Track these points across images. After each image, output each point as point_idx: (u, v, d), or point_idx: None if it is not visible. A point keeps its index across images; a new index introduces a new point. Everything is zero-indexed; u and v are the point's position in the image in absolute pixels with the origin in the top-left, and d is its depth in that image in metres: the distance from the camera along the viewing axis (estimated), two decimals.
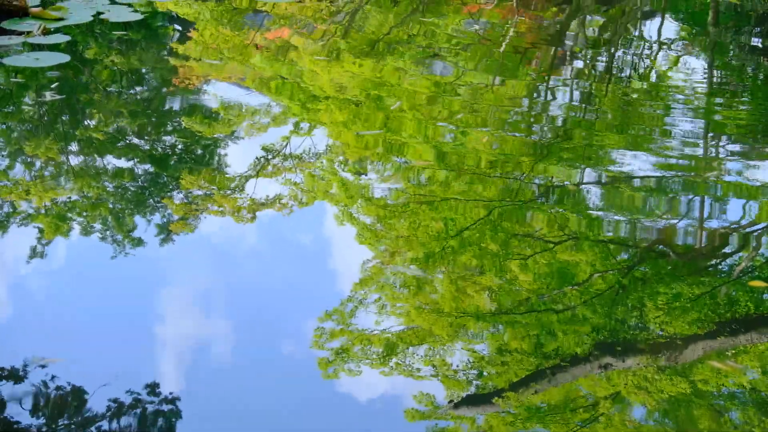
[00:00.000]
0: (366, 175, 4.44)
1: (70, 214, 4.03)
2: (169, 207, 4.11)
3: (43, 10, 6.32)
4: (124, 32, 6.32)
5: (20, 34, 5.95)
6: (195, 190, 4.27)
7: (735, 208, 4.15)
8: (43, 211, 4.02)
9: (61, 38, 5.96)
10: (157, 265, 3.69)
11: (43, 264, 3.63)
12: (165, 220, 4.00)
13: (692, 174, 4.47)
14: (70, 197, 4.17)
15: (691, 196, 4.27)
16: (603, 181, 4.40)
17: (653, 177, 4.41)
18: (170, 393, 2.87)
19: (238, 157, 4.68)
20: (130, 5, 6.65)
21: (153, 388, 2.89)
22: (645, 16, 7.19)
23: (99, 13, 6.45)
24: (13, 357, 2.97)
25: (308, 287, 3.53)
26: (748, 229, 4.00)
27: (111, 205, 4.12)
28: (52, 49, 5.77)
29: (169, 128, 5.02)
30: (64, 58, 5.69)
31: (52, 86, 5.35)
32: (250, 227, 3.99)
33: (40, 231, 3.86)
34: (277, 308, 3.36)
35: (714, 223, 4.03)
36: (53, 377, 2.88)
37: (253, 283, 3.55)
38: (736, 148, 4.83)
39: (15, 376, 2.91)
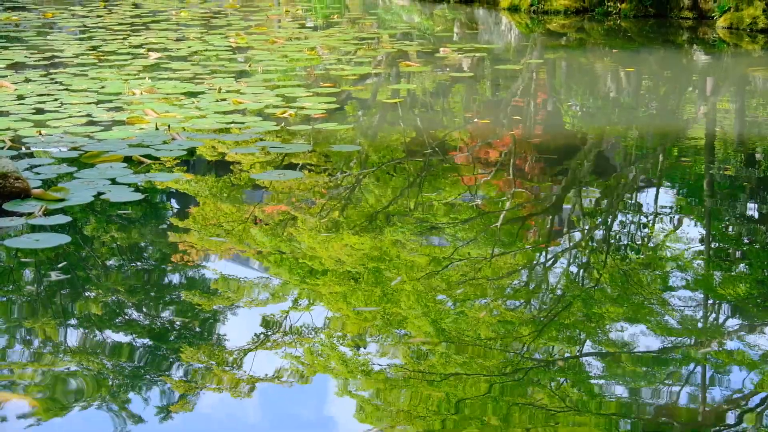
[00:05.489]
0: (365, 349, 4.43)
1: (67, 392, 4.00)
2: (167, 383, 4.09)
3: (45, 191, 6.40)
4: (125, 211, 6.38)
5: (21, 215, 6.01)
6: (194, 365, 4.25)
7: (736, 380, 4.11)
8: (40, 387, 4.00)
9: (62, 219, 6.01)
10: None
11: None
12: (163, 396, 3.97)
13: (692, 344, 4.44)
14: (69, 373, 4.15)
15: (692, 367, 4.23)
16: (603, 352, 4.37)
17: (653, 348, 4.39)
18: None
19: (237, 331, 4.67)
20: (130, 185, 6.74)
21: None
22: (641, 186, 7.27)
23: (100, 194, 6.53)
24: None
25: None
26: (750, 402, 3.95)
27: (110, 382, 4.09)
28: (53, 230, 5.83)
29: (169, 304, 5.03)
30: (65, 239, 5.74)
31: (58, 266, 5.39)
32: (249, 402, 3.96)
33: (37, 407, 3.82)
34: None
35: (716, 395, 3.99)
36: None
37: None
38: (736, 317, 4.82)
39: None
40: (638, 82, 11.61)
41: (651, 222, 6.29)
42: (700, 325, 4.68)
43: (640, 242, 5.91)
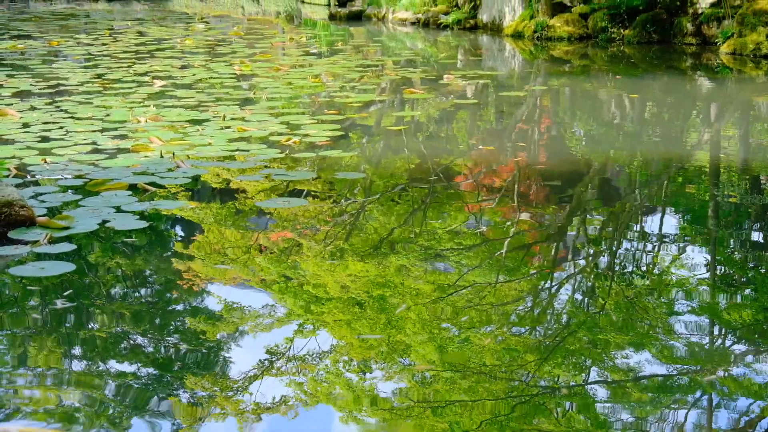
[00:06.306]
0: (370, 375, 4.42)
1: (72, 420, 4.00)
2: (172, 410, 4.09)
3: (50, 219, 6.41)
4: (130, 239, 6.39)
5: (26, 243, 6.02)
6: (199, 392, 4.25)
7: (743, 406, 4.10)
8: (45, 415, 4.00)
9: (67, 247, 6.03)
10: None
11: None
12: (168, 424, 3.97)
13: (698, 370, 4.43)
14: (73, 401, 4.15)
15: (698, 394, 4.22)
16: (609, 380, 4.36)
17: (659, 375, 4.37)
18: None
19: (242, 358, 4.67)
20: (135, 213, 6.75)
21: None
22: (646, 212, 7.27)
23: (105, 221, 6.54)
24: None
25: None
26: (757, 428, 3.94)
27: (115, 410, 4.09)
28: (58, 258, 5.84)
29: (174, 332, 5.03)
30: (70, 267, 5.75)
31: (63, 294, 5.40)
32: (254, 429, 3.95)
33: None
34: None
35: (723, 422, 3.98)
36: None
37: None
38: (742, 343, 4.81)
39: None
40: (642, 108, 11.63)
41: (656, 248, 6.28)
42: (705, 351, 4.67)
43: (645, 268, 5.90)
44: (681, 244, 6.37)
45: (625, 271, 5.86)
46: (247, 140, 9.20)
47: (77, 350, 4.78)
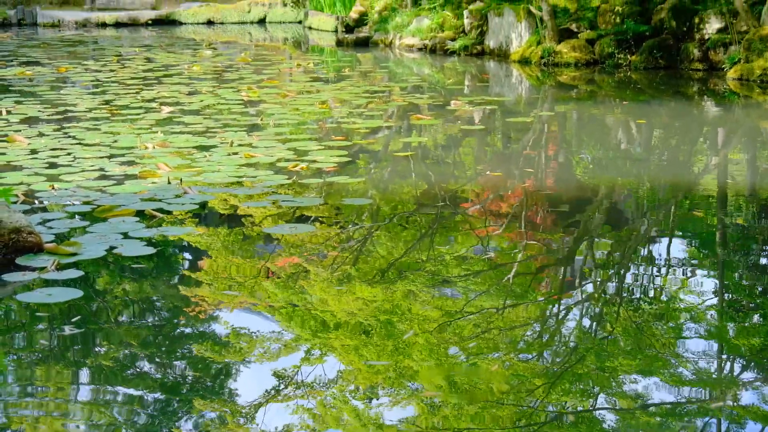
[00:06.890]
0: (377, 401, 4.41)
1: None
2: None
3: (57, 245, 6.42)
4: (138, 265, 6.39)
5: (34, 270, 6.02)
6: (206, 419, 4.24)
7: None
8: None
9: (75, 273, 6.03)
10: None
11: None
12: None
13: (707, 397, 4.41)
14: (81, 428, 4.15)
15: (707, 420, 4.21)
16: (617, 406, 4.35)
17: (667, 401, 4.36)
18: None
19: (249, 385, 4.67)
20: (142, 239, 6.76)
21: None
22: (653, 237, 7.26)
23: (112, 248, 6.55)
24: None
25: None
26: None
27: None
28: (66, 285, 5.84)
29: (181, 358, 5.03)
30: (77, 293, 5.75)
31: (71, 321, 5.41)
32: None
33: None
34: None
35: None
36: None
37: None
38: (751, 369, 4.79)
39: None
40: (649, 134, 11.64)
41: (663, 274, 6.27)
42: (714, 377, 4.65)
43: (652, 294, 5.89)
44: (689, 270, 6.36)
45: (633, 296, 5.85)
46: (255, 166, 9.21)
47: (84, 376, 4.78)
